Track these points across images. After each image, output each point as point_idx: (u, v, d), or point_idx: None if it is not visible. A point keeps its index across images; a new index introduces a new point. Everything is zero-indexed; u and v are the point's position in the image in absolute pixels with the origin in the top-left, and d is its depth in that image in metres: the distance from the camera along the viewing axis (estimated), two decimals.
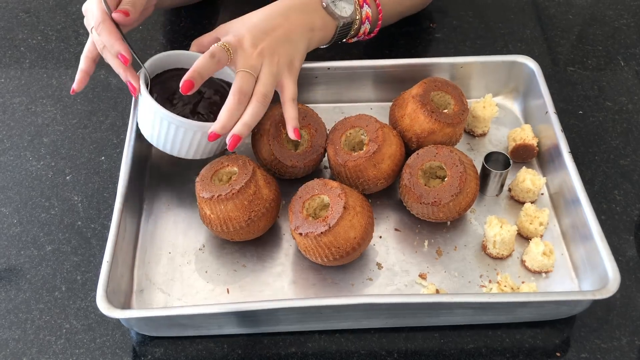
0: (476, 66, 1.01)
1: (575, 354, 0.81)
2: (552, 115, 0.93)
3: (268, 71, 0.86)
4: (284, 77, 0.88)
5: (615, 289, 0.77)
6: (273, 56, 0.87)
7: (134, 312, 0.76)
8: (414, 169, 0.87)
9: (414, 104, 0.91)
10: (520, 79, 1.01)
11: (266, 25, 0.89)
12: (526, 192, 0.90)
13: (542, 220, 0.87)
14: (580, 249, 0.85)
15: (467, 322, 0.82)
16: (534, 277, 0.86)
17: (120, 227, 0.83)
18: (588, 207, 0.84)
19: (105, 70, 1.10)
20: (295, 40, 0.90)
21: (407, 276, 0.86)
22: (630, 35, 1.17)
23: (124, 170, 0.88)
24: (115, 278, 0.80)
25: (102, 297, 0.76)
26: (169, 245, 0.88)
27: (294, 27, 0.91)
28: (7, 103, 1.06)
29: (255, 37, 0.87)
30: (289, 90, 0.88)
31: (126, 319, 0.77)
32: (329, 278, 0.85)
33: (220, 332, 0.81)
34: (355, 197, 0.83)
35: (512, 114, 1.03)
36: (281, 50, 0.88)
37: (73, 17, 1.21)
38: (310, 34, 0.92)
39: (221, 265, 0.86)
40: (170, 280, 0.85)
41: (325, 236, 0.80)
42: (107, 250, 0.80)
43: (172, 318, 0.77)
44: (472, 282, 0.85)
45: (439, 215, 0.86)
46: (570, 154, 0.89)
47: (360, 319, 0.81)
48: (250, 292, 0.84)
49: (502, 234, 0.84)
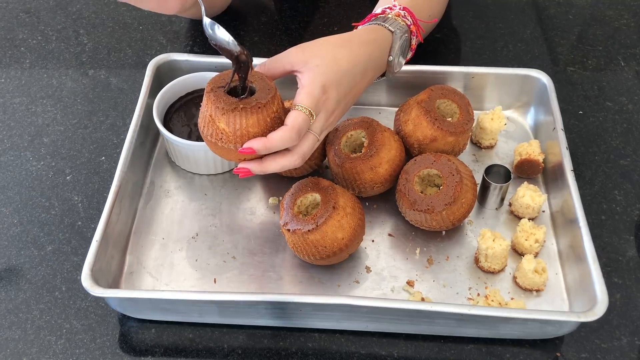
0: (489, 77, 1.00)
1: (575, 354, 0.80)
2: (560, 132, 0.92)
3: (325, 130, 0.81)
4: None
5: (602, 312, 0.75)
6: (339, 116, 0.83)
7: (114, 291, 0.78)
8: (410, 175, 0.86)
9: (418, 110, 0.90)
10: (532, 93, 0.99)
11: (352, 79, 0.82)
12: (525, 207, 0.89)
13: (538, 238, 0.86)
14: (575, 271, 0.83)
15: (450, 333, 0.81)
16: (525, 294, 0.84)
17: (114, 209, 0.84)
18: (585, 228, 0.82)
19: (106, 71, 1.11)
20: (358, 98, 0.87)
21: (395, 282, 0.85)
22: (630, 35, 1.16)
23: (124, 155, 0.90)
24: (104, 258, 0.81)
25: (87, 275, 0.78)
26: (163, 232, 0.90)
27: (365, 84, 0.86)
28: (7, 103, 1.07)
29: (340, 95, 0.80)
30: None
31: (109, 299, 0.79)
32: (316, 277, 0.86)
33: (202, 320, 0.82)
34: (347, 199, 0.83)
35: (523, 129, 1.01)
36: (346, 109, 0.84)
37: (73, 17, 1.21)
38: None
39: (212, 256, 0.87)
40: (160, 266, 0.86)
41: (312, 234, 0.80)
42: (98, 230, 0.81)
43: (153, 301, 0.79)
44: (460, 294, 0.84)
45: (432, 223, 0.85)
46: (572, 172, 0.88)
47: (340, 320, 0.80)
48: (236, 283, 0.85)
49: (494, 247, 0.83)
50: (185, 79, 0.98)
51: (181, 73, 0.99)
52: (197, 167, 0.95)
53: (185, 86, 0.98)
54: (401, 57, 0.91)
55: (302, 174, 0.93)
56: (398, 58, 0.89)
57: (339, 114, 0.82)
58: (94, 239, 0.81)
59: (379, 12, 0.90)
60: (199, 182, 0.95)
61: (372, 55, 0.85)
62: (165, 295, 0.78)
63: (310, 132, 0.78)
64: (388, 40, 0.87)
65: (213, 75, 0.84)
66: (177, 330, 0.82)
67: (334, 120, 0.82)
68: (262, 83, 0.77)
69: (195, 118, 0.95)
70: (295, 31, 1.17)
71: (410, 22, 0.90)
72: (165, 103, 0.97)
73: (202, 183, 0.95)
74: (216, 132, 0.75)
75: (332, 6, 1.22)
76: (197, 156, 0.93)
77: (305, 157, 0.78)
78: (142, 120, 0.94)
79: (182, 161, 0.95)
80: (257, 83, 0.77)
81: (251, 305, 0.78)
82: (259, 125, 0.75)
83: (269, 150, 0.75)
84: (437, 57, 1.12)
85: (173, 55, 1.01)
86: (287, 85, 0.90)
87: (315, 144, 0.80)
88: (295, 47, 0.82)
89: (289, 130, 0.75)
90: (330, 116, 0.80)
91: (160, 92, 0.96)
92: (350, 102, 0.84)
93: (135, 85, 1.09)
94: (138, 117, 0.94)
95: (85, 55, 1.14)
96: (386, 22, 0.88)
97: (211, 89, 0.76)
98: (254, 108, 0.74)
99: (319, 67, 0.79)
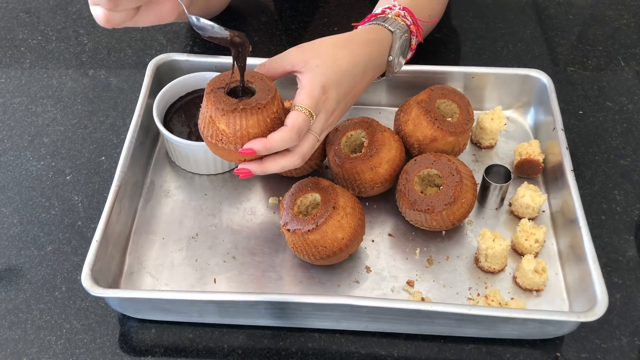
0: (489, 77, 1.00)
1: (575, 354, 0.80)
2: (560, 132, 0.92)
3: (324, 131, 0.81)
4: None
5: (602, 312, 0.75)
6: (339, 117, 0.83)
7: (114, 291, 0.78)
8: (410, 175, 0.86)
9: (418, 110, 0.90)
10: (532, 93, 0.99)
11: (351, 79, 0.82)
12: (525, 207, 0.89)
13: (538, 238, 0.85)
14: (574, 271, 0.83)
15: (450, 333, 0.81)
16: (525, 294, 0.84)
17: (114, 209, 0.84)
18: (585, 228, 0.82)
19: (106, 71, 1.11)
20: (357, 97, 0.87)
21: (395, 282, 0.85)
22: (630, 35, 1.16)
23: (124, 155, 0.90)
24: (104, 258, 0.81)
25: (87, 275, 0.78)
26: (163, 232, 0.90)
27: (365, 84, 0.86)
28: (7, 103, 1.07)
29: (340, 95, 0.80)
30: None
31: (108, 299, 0.79)
32: (316, 277, 0.86)
33: (202, 320, 0.82)
34: (347, 199, 0.83)
35: (523, 129, 1.01)
36: (346, 109, 0.84)
37: (73, 17, 1.21)
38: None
39: (212, 256, 0.87)
40: (160, 266, 0.86)
41: (312, 234, 0.80)
42: (98, 230, 0.81)
43: (153, 301, 0.79)
44: (460, 294, 0.84)
45: (432, 223, 0.85)
46: (572, 172, 0.88)
47: (340, 320, 0.80)
48: (236, 283, 0.85)
49: (494, 247, 0.83)
50: (185, 79, 0.98)
51: (181, 73, 0.99)
52: (197, 167, 0.95)
53: (185, 86, 0.98)
54: (401, 57, 0.90)
55: (302, 174, 0.93)
56: (398, 58, 0.89)
57: (339, 114, 0.82)
58: (94, 239, 0.81)
59: (379, 12, 0.90)
60: (199, 182, 0.95)
61: (372, 55, 0.85)
62: (165, 295, 0.78)
63: (310, 132, 0.78)
64: (388, 40, 0.87)
65: (213, 75, 0.84)
66: (177, 330, 0.82)
67: (334, 120, 0.82)
68: (262, 83, 0.77)
69: (195, 118, 0.95)
70: (295, 31, 1.17)
71: (410, 22, 0.90)
72: (165, 103, 0.97)
73: (202, 183, 0.95)
74: (216, 133, 0.75)
75: (332, 6, 1.22)
76: (197, 156, 0.93)
77: (306, 157, 0.78)
78: (142, 120, 0.94)
79: (182, 161, 0.95)
80: (257, 83, 0.77)
81: (251, 305, 0.78)
82: (259, 126, 0.75)
83: (269, 151, 0.75)
84: (437, 57, 1.12)
85: (173, 55, 1.01)
86: (287, 86, 0.90)
87: (316, 144, 0.79)
88: (295, 47, 0.82)
89: (289, 131, 0.75)
90: (330, 116, 0.80)
91: (160, 92, 0.96)
92: (350, 102, 0.84)
93: (135, 85, 1.09)
94: (138, 117, 0.94)
95: (85, 55, 1.14)
96: (386, 22, 0.88)
97: (211, 89, 0.76)
98: (254, 109, 0.74)
99: (318, 67, 0.79)
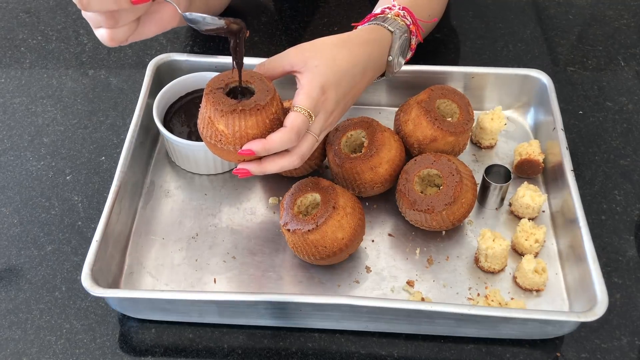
0: (489, 77, 1.00)
1: (575, 354, 0.80)
2: (560, 132, 0.91)
3: (324, 131, 0.81)
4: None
5: (602, 312, 0.75)
6: (338, 117, 0.83)
7: (114, 291, 0.78)
8: (410, 175, 0.86)
9: (418, 110, 0.90)
10: (532, 93, 0.99)
11: (351, 80, 0.82)
12: (525, 207, 0.89)
13: (537, 238, 0.85)
14: (575, 271, 0.83)
15: (450, 333, 0.81)
16: (525, 294, 0.84)
17: (114, 209, 0.84)
18: (585, 228, 0.82)
19: (106, 71, 1.11)
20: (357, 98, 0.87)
21: (395, 282, 0.85)
22: (630, 35, 1.16)
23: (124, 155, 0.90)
24: (104, 258, 0.81)
25: (87, 275, 0.77)
26: (163, 232, 0.90)
27: (365, 84, 0.86)
28: (7, 103, 1.07)
29: (339, 95, 0.80)
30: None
31: (108, 299, 0.79)
32: (316, 277, 0.86)
33: (202, 320, 0.82)
34: (347, 198, 0.83)
35: (523, 129, 1.01)
36: (346, 109, 0.84)
37: (73, 17, 1.21)
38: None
39: (212, 256, 0.87)
40: (160, 266, 0.86)
41: (312, 234, 0.80)
42: (98, 230, 0.81)
43: (153, 301, 0.79)
44: (460, 294, 0.84)
45: (432, 223, 0.85)
46: (572, 172, 0.88)
47: (340, 320, 0.80)
48: (236, 283, 0.85)
49: (494, 247, 0.83)
50: (185, 79, 0.98)
51: (181, 73, 0.99)
52: (197, 167, 0.95)
53: (185, 86, 0.98)
54: (401, 57, 0.90)
55: (302, 174, 0.93)
56: (398, 58, 0.89)
57: (338, 114, 0.82)
58: (94, 239, 0.81)
59: (379, 12, 0.90)
60: (199, 182, 0.95)
61: (372, 55, 0.85)
62: (165, 295, 0.78)
63: (309, 132, 0.78)
64: (387, 40, 0.87)
65: (213, 75, 0.84)
66: (177, 330, 0.82)
67: (333, 120, 0.82)
68: (260, 84, 0.77)
69: (195, 118, 0.95)
70: (295, 31, 1.17)
71: (409, 22, 0.90)
72: (165, 103, 0.97)
73: (202, 183, 0.95)
74: (215, 134, 0.75)
75: (332, 6, 1.22)
76: (197, 156, 0.93)
77: (305, 157, 0.78)
78: (142, 120, 0.94)
79: (182, 161, 0.95)
80: (255, 84, 0.77)
81: (251, 305, 0.78)
82: (258, 126, 0.75)
83: (268, 151, 0.75)
84: (437, 57, 1.12)
85: (173, 55, 1.01)
86: (286, 86, 0.90)
87: (315, 144, 0.79)
88: (294, 47, 0.82)
89: (288, 132, 0.75)
90: (329, 117, 0.80)
91: (160, 92, 0.96)
92: (349, 103, 0.84)
93: (135, 85, 1.09)
94: (138, 117, 0.94)
95: (85, 55, 1.14)
96: (385, 22, 0.88)
97: (210, 90, 0.76)
98: (253, 109, 0.74)
99: (317, 67, 0.79)
